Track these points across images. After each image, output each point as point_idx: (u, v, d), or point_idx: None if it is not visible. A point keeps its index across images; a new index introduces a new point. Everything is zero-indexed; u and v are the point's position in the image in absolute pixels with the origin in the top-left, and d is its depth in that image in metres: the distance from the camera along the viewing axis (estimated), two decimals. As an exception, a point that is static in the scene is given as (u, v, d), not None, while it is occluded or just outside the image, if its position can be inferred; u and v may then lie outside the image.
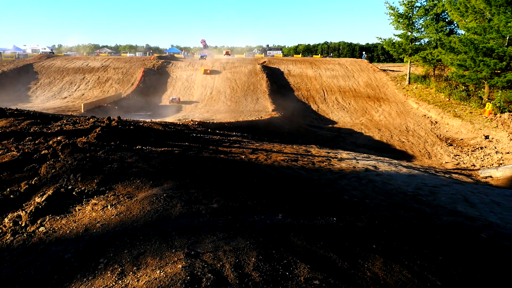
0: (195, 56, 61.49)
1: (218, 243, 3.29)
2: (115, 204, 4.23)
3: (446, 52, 26.50)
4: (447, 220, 5.81)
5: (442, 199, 7.37)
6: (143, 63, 42.90)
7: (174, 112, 27.89)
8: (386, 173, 9.54)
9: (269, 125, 20.98)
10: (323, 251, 3.38)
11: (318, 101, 31.97)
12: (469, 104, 26.30)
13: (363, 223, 4.49)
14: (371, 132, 24.26)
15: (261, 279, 2.75)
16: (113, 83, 37.11)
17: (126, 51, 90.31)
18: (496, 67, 22.75)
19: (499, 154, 16.79)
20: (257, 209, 4.39)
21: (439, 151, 20.10)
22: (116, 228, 3.66)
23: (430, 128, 24.46)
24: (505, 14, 22.05)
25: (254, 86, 34.21)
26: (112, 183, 4.95)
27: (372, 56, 69.05)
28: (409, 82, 33.69)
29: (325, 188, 6.68)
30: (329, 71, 39.47)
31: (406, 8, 32.60)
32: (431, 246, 4.10)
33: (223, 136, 12.94)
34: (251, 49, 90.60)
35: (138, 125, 11.01)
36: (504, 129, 20.68)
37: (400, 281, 3.04)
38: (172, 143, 8.95)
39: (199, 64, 42.58)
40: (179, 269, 2.81)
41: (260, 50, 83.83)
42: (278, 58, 53.23)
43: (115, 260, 3.05)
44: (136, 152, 6.65)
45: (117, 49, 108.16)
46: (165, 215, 3.91)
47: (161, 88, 35.58)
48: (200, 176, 5.57)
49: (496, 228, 5.78)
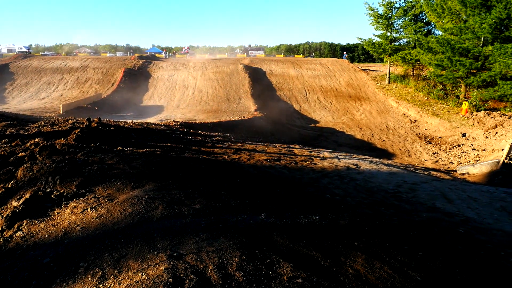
0: (176, 56, 60.95)
1: (201, 244, 3.27)
2: (96, 207, 4.16)
3: (424, 52, 27.06)
4: (426, 217, 5.95)
5: (422, 196, 7.53)
6: (123, 63, 42.22)
7: (156, 112, 27.53)
8: (367, 171, 9.68)
9: (252, 125, 20.98)
10: (306, 249, 3.41)
11: (300, 100, 32.14)
12: (446, 103, 26.94)
13: (345, 221, 4.54)
14: (352, 131, 24.55)
15: (245, 279, 2.76)
16: (92, 83, 36.38)
17: (106, 51, 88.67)
18: (472, 66, 23.37)
19: (475, 151, 17.27)
20: (240, 209, 4.39)
21: (418, 149, 20.52)
22: (97, 231, 3.60)
23: (409, 126, 24.94)
24: (479, 16, 22.68)
25: (237, 86, 34.14)
26: (92, 185, 4.86)
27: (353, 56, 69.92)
28: (389, 82, 34.26)
29: (307, 187, 6.73)
30: (311, 71, 39.75)
31: (385, 9, 33.12)
32: (411, 242, 4.18)
33: (205, 137, 12.87)
34: (233, 49, 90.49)
35: (119, 126, 10.84)
36: (480, 127, 21.28)
37: (381, 277, 3.09)
38: (154, 144, 8.85)
39: (181, 64, 42.22)
40: (162, 271, 2.79)
41: (242, 50, 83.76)
42: (260, 58, 53.28)
43: (96, 263, 3.00)
44: (117, 154, 6.55)
45: (97, 49, 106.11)
46: (147, 217, 3.87)
47: (142, 88, 35.09)
48: (182, 177, 5.53)
49: (473, 223, 5.95)
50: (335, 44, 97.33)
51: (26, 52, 64.97)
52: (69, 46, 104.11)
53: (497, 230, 5.71)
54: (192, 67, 40.70)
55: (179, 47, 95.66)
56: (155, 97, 32.93)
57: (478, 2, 22.51)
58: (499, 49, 21.23)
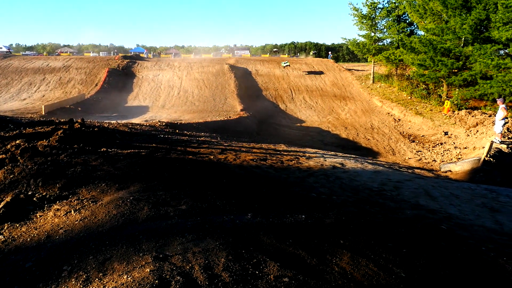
0: (161, 56, 60.45)
1: (187, 245, 3.26)
2: (79, 209, 4.09)
3: (407, 52, 27.50)
4: (410, 214, 6.04)
5: (406, 194, 7.64)
6: (107, 63, 41.64)
7: (141, 113, 27.24)
8: (352, 170, 9.77)
9: (238, 125, 20.97)
10: (292, 248, 3.42)
11: (286, 100, 32.27)
12: (429, 102, 27.43)
13: (331, 219, 4.58)
14: (338, 130, 24.78)
15: (231, 279, 2.75)
16: (75, 83, 35.76)
17: (89, 50, 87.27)
18: (453, 66, 23.86)
19: (457, 149, 17.63)
20: (227, 209, 4.38)
21: (402, 147, 20.85)
22: (81, 234, 3.54)
23: (393, 125, 25.31)
24: (460, 16, 23.17)
25: (222, 86, 34.05)
26: (76, 187, 4.79)
27: (338, 56, 70.52)
28: (373, 81, 34.70)
29: (293, 186, 6.76)
30: (296, 71, 39.95)
31: (369, 10, 33.54)
32: (396, 239, 4.24)
33: (191, 137, 12.80)
34: (219, 49, 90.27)
35: (102, 127, 10.69)
36: (462, 125, 21.74)
37: (366, 275, 3.12)
38: (139, 144, 8.76)
39: (166, 64, 41.88)
40: (147, 273, 2.76)
41: (227, 50, 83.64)
42: (246, 58, 53.28)
43: (80, 266, 2.95)
44: (101, 155, 6.46)
45: (80, 48, 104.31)
46: (132, 219, 3.83)
47: (126, 88, 34.67)
48: (168, 178, 5.49)
49: (456, 220, 6.07)
50: (320, 44, 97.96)
51: (7, 51, 63.50)
52: (51, 45, 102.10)
53: (479, 226, 5.84)
54: (177, 67, 40.44)
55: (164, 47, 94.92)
56: (140, 98, 32.59)
57: (459, 3, 22.99)
58: (479, 49, 21.73)
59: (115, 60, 42.94)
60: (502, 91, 19.81)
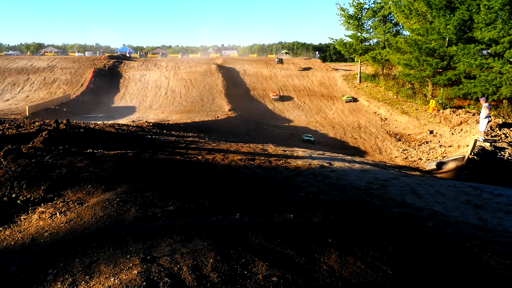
0: (148, 56, 59.97)
1: (175, 246, 3.24)
2: (65, 211, 4.03)
3: (393, 52, 27.86)
4: (397, 212, 6.12)
5: (392, 192, 7.73)
6: (93, 63, 41.10)
7: (128, 113, 26.98)
8: (340, 169, 9.85)
9: (226, 125, 20.93)
10: (280, 248, 3.43)
11: (274, 100, 32.35)
12: (415, 101, 27.83)
13: (319, 218, 4.61)
14: (325, 129, 24.94)
15: (220, 280, 2.75)
16: (60, 84, 35.20)
17: (75, 50, 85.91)
18: (438, 66, 24.26)
19: (442, 148, 17.92)
20: (215, 209, 4.37)
21: (389, 146, 21.10)
22: (66, 237, 3.49)
23: (380, 124, 25.59)
24: (444, 17, 23.57)
25: (210, 86, 33.94)
26: (61, 189, 4.71)
27: (325, 55, 70.93)
28: (360, 81, 35.03)
29: (282, 186, 6.78)
30: (284, 71, 40.07)
31: (355, 10, 33.86)
32: (383, 237, 4.29)
33: (179, 137, 12.73)
34: (206, 49, 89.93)
35: (88, 128, 10.55)
36: (446, 124, 22.11)
37: (354, 272, 3.15)
38: (126, 145, 8.67)
39: (153, 64, 41.55)
40: (135, 275, 2.74)
41: (215, 50, 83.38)
42: (234, 58, 53.22)
43: (66, 270, 2.91)
44: (86, 156, 6.37)
45: (65, 48, 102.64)
46: (119, 220, 3.79)
47: (113, 89, 34.29)
48: (155, 179, 5.44)
49: (441, 217, 6.17)
50: (307, 44, 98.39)
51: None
52: (35, 45, 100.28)
53: (463, 223, 5.95)
54: (164, 67, 40.17)
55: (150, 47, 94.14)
56: (127, 98, 32.27)
57: (443, 4, 23.38)
58: (463, 49, 22.13)
59: (101, 60, 42.42)
60: (485, 90, 20.23)
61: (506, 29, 19.02)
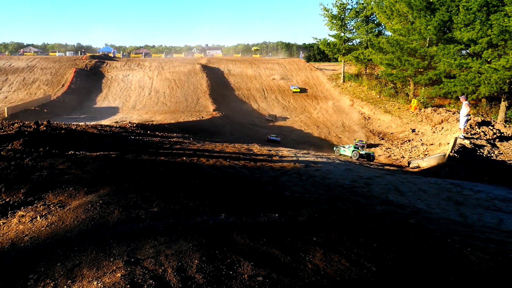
0: (131, 56, 59.25)
1: (160, 248, 3.21)
2: (46, 215, 3.94)
3: (375, 52, 28.26)
4: (381, 209, 6.20)
5: (376, 190, 7.84)
6: (74, 63, 40.34)
7: (111, 114, 26.58)
8: (325, 168, 9.93)
9: (211, 125, 20.85)
10: (266, 247, 3.44)
11: (259, 100, 32.36)
12: (397, 100, 28.29)
13: (304, 217, 4.64)
14: (310, 129, 25.11)
15: (205, 281, 2.74)
16: (41, 84, 34.43)
17: (55, 50, 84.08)
18: (419, 66, 24.73)
19: (424, 146, 18.27)
20: (200, 210, 4.35)
21: (372, 145, 21.39)
22: (47, 241, 3.41)
23: (364, 123, 25.91)
24: (425, 18, 24.04)
25: (194, 86, 33.74)
26: (42, 192, 4.61)
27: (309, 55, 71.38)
28: (344, 81, 35.38)
29: (267, 186, 6.79)
30: (269, 70, 40.14)
31: (338, 10, 34.17)
32: (367, 234, 4.35)
33: (163, 138, 12.61)
34: (190, 49, 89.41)
35: (70, 129, 10.35)
36: (428, 122, 22.56)
37: (339, 270, 3.18)
38: (109, 146, 8.54)
39: (136, 64, 41.06)
40: (118, 278, 2.70)
41: (199, 50, 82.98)
42: (218, 58, 53.05)
43: (47, 274, 2.85)
44: (68, 158, 6.25)
45: (45, 48, 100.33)
46: (101, 223, 3.73)
47: (95, 89, 33.74)
48: (139, 180, 5.38)
49: (423, 214, 6.28)
50: (291, 44, 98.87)
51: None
52: (14, 44, 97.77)
53: (444, 219, 6.08)
54: (148, 67, 39.75)
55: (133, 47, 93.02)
56: (109, 98, 31.80)
57: (423, 5, 23.84)
58: (443, 49, 22.61)
59: (83, 60, 41.68)
60: (465, 89, 20.71)
61: (484, 29, 19.51)
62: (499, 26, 18.42)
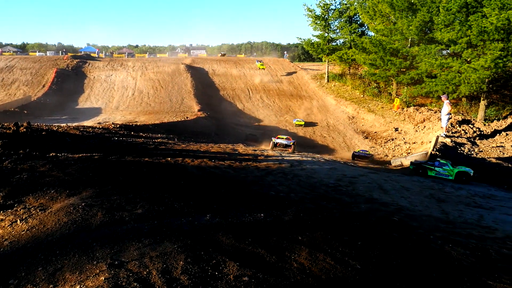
0: (114, 56, 58.44)
1: (144, 250, 3.17)
2: (26, 218, 3.85)
3: (359, 52, 28.56)
4: (365, 208, 6.28)
5: (360, 188, 7.93)
6: (55, 63, 39.51)
7: (93, 115, 26.12)
8: (310, 167, 9.99)
9: (196, 125, 20.72)
10: (251, 247, 3.44)
11: (244, 100, 32.33)
12: (380, 99, 28.66)
13: (289, 216, 4.66)
14: (295, 128, 25.22)
15: (190, 282, 2.72)
16: (20, 85, 33.61)
17: (35, 50, 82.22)
18: (402, 65, 25.10)
19: (407, 144, 18.57)
20: (185, 211, 4.32)
21: (356, 143, 21.63)
22: (28, 245, 3.34)
23: (348, 123, 26.17)
24: (407, 18, 24.43)
25: (179, 86, 33.46)
26: (22, 195, 4.50)
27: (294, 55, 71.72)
28: (328, 80, 35.65)
29: (252, 186, 6.80)
30: (253, 70, 40.14)
31: (322, 11, 34.40)
32: (351, 232, 4.40)
33: (147, 139, 12.48)
34: (174, 48, 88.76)
35: (51, 130, 10.15)
36: (410, 121, 22.95)
37: (324, 269, 3.21)
38: (91, 148, 8.40)
39: (119, 64, 40.51)
40: (102, 281, 2.66)
41: (183, 50, 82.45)
42: (203, 58, 52.78)
43: (28, 279, 2.78)
44: (49, 160, 6.12)
45: (24, 47, 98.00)
46: (84, 226, 3.66)
47: (77, 90, 33.12)
48: (122, 182, 5.31)
49: (406, 211, 6.39)
50: (276, 44, 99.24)
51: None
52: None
53: (427, 216, 6.19)
54: (131, 67, 39.26)
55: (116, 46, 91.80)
56: (92, 99, 31.28)
57: (405, 5, 24.22)
58: (424, 49, 23.02)
59: (64, 60, 40.87)
60: (446, 89, 21.11)
61: (463, 30, 19.94)
62: (478, 26, 18.85)
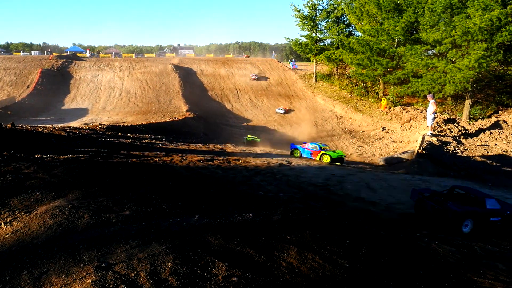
0: (101, 56, 57.75)
1: (132, 252, 3.14)
2: (10, 221, 3.78)
3: (346, 52, 28.75)
4: (353, 206, 6.34)
5: (348, 187, 8.00)
6: (40, 63, 38.82)
7: (80, 116, 25.76)
8: (298, 167, 10.03)
9: (184, 126, 20.60)
10: (240, 247, 3.44)
11: (232, 100, 32.24)
12: (368, 99, 28.91)
13: (278, 216, 4.67)
14: (284, 128, 25.26)
15: (179, 283, 2.70)
16: (4, 85, 32.94)
17: (19, 49, 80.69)
18: (388, 65, 25.37)
19: (394, 143, 18.78)
20: (173, 212, 4.30)
21: (344, 143, 21.78)
22: (13, 248, 3.27)
23: (336, 122, 26.33)
24: (393, 19, 24.71)
25: (167, 87, 33.21)
26: (6, 198, 4.42)
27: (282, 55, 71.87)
28: (316, 80, 35.81)
29: (241, 186, 6.80)
30: (242, 70, 40.07)
31: (310, 11, 34.52)
32: (340, 231, 4.42)
33: (135, 139, 12.36)
34: (162, 48, 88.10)
35: (36, 132, 9.98)
36: (397, 120, 23.20)
37: (313, 268, 3.22)
38: (78, 149, 8.29)
39: (106, 64, 40.02)
40: (89, 284, 2.62)
41: (171, 50, 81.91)
42: (190, 58, 52.47)
43: (12, 283, 2.73)
44: (34, 162, 6.02)
45: (8, 47, 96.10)
46: (70, 228, 3.61)
47: (63, 90, 32.61)
48: (110, 183, 5.25)
49: (393, 209, 6.47)
50: (264, 44, 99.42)
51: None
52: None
53: (414, 214, 6.27)
54: (118, 67, 38.82)
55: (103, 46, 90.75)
56: (78, 100, 30.84)
57: (392, 6, 24.50)
58: (410, 49, 23.31)
59: (49, 60, 40.19)
60: (432, 88, 21.40)
61: (448, 30, 20.24)
62: (462, 27, 19.16)
